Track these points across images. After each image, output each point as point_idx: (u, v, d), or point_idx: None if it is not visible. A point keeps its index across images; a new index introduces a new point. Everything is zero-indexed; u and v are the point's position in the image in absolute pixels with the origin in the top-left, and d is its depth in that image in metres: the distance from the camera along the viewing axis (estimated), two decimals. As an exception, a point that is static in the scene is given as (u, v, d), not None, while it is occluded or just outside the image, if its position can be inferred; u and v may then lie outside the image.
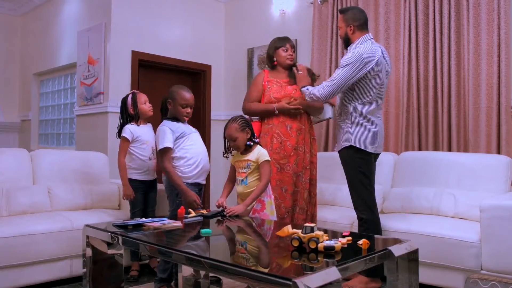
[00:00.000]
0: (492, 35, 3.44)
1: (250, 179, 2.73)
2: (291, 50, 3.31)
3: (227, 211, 2.58)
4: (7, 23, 6.50)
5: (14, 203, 3.18)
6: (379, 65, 2.80)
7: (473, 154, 3.38)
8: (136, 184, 3.18)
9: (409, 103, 3.90)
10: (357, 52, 2.77)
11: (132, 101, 3.22)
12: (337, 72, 2.82)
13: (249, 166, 2.74)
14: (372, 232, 2.71)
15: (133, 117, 3.22)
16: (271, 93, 3.26)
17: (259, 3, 5.20)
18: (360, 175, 2.85)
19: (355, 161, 2.86)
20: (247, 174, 2.74)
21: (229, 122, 2.79)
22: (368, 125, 2.85)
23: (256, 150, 2.76)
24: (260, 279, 1.45)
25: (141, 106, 3.22)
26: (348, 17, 2.93)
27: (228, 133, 2.77)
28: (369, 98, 2.84)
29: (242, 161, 2.78)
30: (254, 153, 2.75)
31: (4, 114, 6.51)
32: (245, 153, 2.78)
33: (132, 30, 4.68)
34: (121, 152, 3.17)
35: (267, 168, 2.73)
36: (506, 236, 2.55)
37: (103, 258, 2.32)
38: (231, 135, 2.76)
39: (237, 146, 2.76)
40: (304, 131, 3.23)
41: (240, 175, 2.78)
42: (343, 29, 2.96)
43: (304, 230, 1.76)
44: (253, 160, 2.73)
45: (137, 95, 3.25)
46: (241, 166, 2.79)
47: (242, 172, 2.76)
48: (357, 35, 2.91)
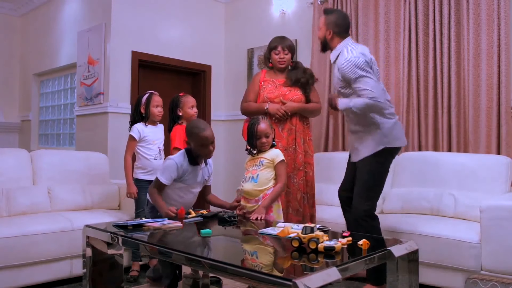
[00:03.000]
0: (492, 36, 3.44)
1: (261, 177, 2.68)
2: (283, 53, 3.27)
3: (253, 219, 2.50)
4: (7, 23, 6.50)
5: (14, 204, 3.18)
6: (373, 59, 2.82)
7: (473, 155, 3.38)
8: (141, 184, 3.18)
9: (409, 103, 3.90)
10: (356, 55, 2.71)
11: (146, 101, 3.26)
12: (364, 81, 2.66)
13: (261, 163, 2.70)
14: (377, 228, 2.75)
15: (143, 117, 3.25)
16: (265, 93, 3.26)
17: (259, 3, 5.20)
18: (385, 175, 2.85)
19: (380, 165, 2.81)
20: (258, 172, 2.70)
21: (258, 119, 2.73)
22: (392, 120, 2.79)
23: (272, 150, 2.74)
24: (260, 280, 1.45)
25: (151, 108, 3.26)
26: (330, 21, 2.86)
27: (264, 128, 2.69)
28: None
29: (256, 159, 2.74)
30: (269, 153, 2.73)
31: (4, 114, 6.50)
32: (260, 154, 2.75)
33: (132, 30, 4.68)
34: (127, 150, 3.22)
35: (284, 169, 2.70)
36: (506, 236, 2.55)
37: (103, 259, 2.32)
38: (267, 131, 2.70)
39: (268, 144, 2.72)
40: (295, 131, 3.21)
41: (251, 173, 2.72)
42: (323, 31, 2.90)
43: (304, 230, 1.76)
44: (269, 158, 2.70)
45: (152, 96, 3.28)
46: (252, 165, 2.75)
47: (253, 169, 2.72)
48: (336, 40, 2.86)
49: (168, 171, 2.59)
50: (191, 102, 3.24)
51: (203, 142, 2.57)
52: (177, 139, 3.07)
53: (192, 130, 2.61)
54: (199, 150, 2.61)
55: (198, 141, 2.58)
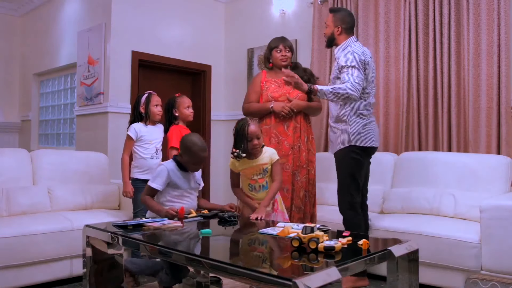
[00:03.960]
0: (492, 35, 3.44)
1: (270, 182, 2.72)
2: (285, 51, 3.31)
3: (252, 219, 2.48)
4: (7, 23, 6.49)
5: (14, 204, 3.18)
6: (370, 63, 2.92)
7: (473, 155, 3.38)
8: (138, 184, 3.18)
9: (409, 103, 3.90)
10: (353, 51, 2.85)
11: (146, 100, 3.28)
12: (352, 72, 2.79)
13: (266, 171, 2.70)
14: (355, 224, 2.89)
15: (142, 116, 3.27)
16: (269, 92, 3.28)
17: (259, 3, 5.20)
18: (352, 177, 2.93)
19: (349, 162, 2.92)
20: (265, 178, 2.70)
21: (247, 121, 2.67)
22: (365, 120, 2.92)
23: (267, 152, 2.71)
24: (260, 279, 1.45)
25: (151, 108, 3.27)
26: (338, 18, 3.00)
27: (254, 130, 2.65)
28: (365, 95, 2.91)
29: (255, 167, 2.69)
30: (265, 156, 2.70)
31: (4, 114, 6.50)
32: (253, 157, 2.69)
33: (132, 30, 4.68)
34: (124, 150, 3.24)
35: (280, 167, 2.73)
36: (506, 236, 2.55)
37: (103, 258, 2.32)
38: (257, 133, 2.66)
39: (260, 145, 2.67)
40: (300, 129, 3.24)
41: (258, 182, 2.70)
42: (331, 28, 3.02)
43: (304, 230, 1.76)
44: (268, 162, 2.70)
45: (151, 96, 3.30)
46: (254, 172, 2.70)
47: (259, 178, 2.70)
48: (343, 37, 2.99)
49: (160, 177, 2.59)
50: (187, 103, 3.28)
51: (197, 161, 2.60)
52: (174, 139, 3.09)
53: (191, 148, 2.58)
54: (189, 165, 2.63)
55: (193, 158, 2.59)
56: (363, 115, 2.93)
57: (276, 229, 2.09)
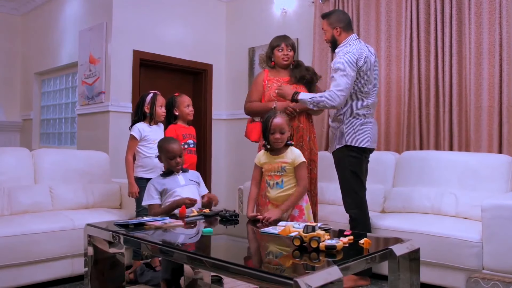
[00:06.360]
0: (494, 34, 3.43)
1: (286, 182, 2.55)
2: (286, 50, 3.29)
3: (262, 219, 2.36)
4: (8, 22, 6.50)
5: (16, 203, 3.18)
6: (368, 61, 2.89)
7: (475, 154, 3.37)
8: (142, 183, 3.17)
9: (410, 102, 3.89)
10: (347, 51, 2.85)
11: (151, 101, 3.27)
12: (338, 77, 2.81)
13: (284, 169, 2.55)
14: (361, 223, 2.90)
15: (146, 116, 3.27)
16: (271, 91, 3.26)
17: (260, 2, 5.20)
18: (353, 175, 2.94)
19: (348, 161, 2.93)
20: (282, 177, 2.56)
21: (275, 113, 2.59)
22: (360, 121, 2.92)
23: (291, 151, 2.58)
24: (261, 279, 1.45)
25: (157, 108, 3.27)
26: (332, 20, 3.01)
27: (279, 123, 2.52)
28: (363, 95, 2.92)
29: (274, 164, 2.58)
30: (288, 155, 2.55)
31: (6, 113, 6.51)
32: (277, 154, 2.59)
33: (134, 29, 4.68)
34: (128, 150, 3.22)
35: (305, 171, 2.58)
36: (507, 235, 2.55)
37: (104, 257, 2.32)
38: (282, 126, 2.52)
39: (283, 141, 2.55)
40: (303, 129, 3.23)
41: (274, 178, 2.58)
42: (329, 32, 3.03)
43: (306, 229, 1.76)
44: (289, 162, 2.53)
45: (157, 96, 3.29)
46: (272, 169, 2.59)
47: (275, 175, 2.57)
48: (344, 36, 3.00)
49: (149, 192, 2.65)
50: (187, 101, 3.30)
51: (171, 154, 2.66)
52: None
53: (162, 145, 2.71)
54: (168, 163, 2.69)
55: (166, 153, 2.67)
56: (360, 115, 2.93)
57: (277, 228, 2.09)
